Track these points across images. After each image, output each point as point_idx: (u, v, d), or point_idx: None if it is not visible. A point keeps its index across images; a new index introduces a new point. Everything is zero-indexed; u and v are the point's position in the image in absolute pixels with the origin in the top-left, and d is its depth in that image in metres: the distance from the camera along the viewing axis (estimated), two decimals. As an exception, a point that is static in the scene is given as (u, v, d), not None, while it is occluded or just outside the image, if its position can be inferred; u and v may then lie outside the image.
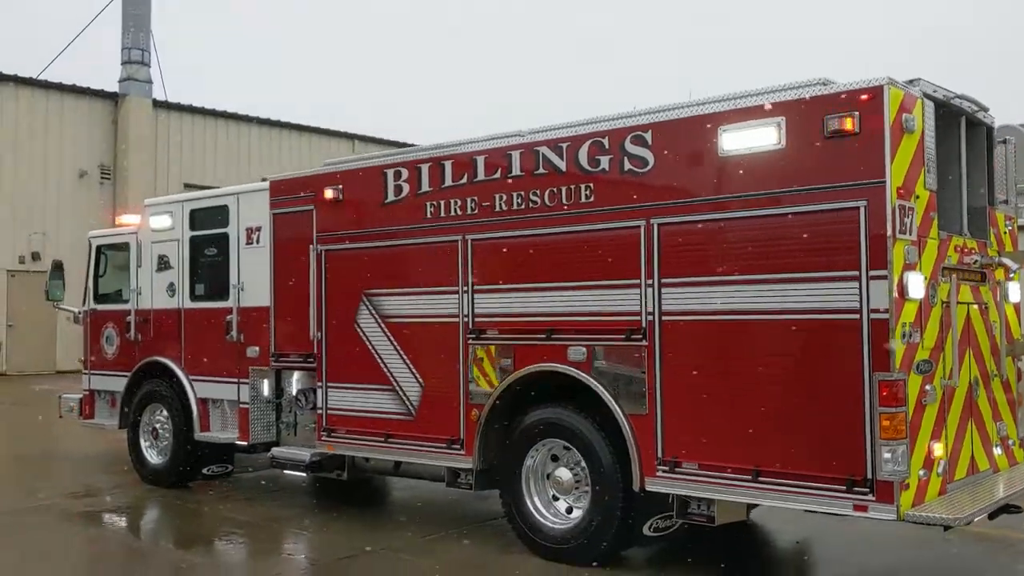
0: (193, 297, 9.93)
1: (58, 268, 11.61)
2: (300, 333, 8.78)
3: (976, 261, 6.46)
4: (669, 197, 6.39)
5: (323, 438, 8.52)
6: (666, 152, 6.42)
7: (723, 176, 6.14)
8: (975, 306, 6.50)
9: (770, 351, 5.90)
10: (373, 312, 8.16)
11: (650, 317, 6.44)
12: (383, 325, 8.09)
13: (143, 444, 10.32)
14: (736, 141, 6.06)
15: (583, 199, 6.84)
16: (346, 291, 8.38)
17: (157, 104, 26.55)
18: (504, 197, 7.30)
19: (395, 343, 8.00)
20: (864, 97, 5.58)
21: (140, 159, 25.88)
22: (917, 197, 5.74)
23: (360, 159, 8.66)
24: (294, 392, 9.17)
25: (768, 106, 5.94)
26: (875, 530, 7.10)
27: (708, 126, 6.20)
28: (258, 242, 9.24)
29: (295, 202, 8.87)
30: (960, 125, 6.51)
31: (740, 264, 6.04)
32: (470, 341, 7.47)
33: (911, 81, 5.84)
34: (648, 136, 6.50)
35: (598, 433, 6.76)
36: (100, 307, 11.07)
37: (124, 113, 25.88)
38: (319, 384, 8.58)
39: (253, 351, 9.24)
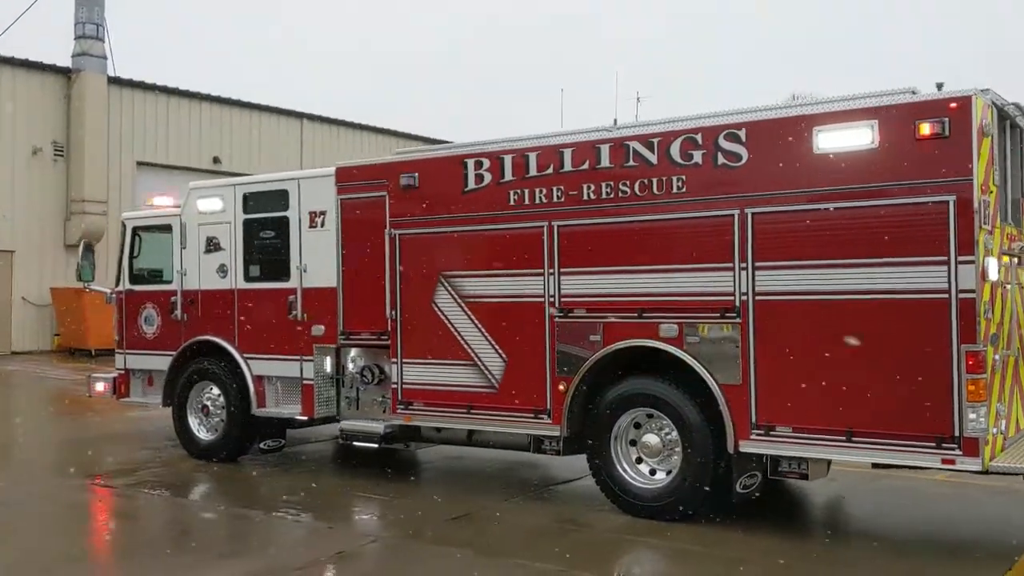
0: (248, 278, 10.24)
1: (88, 249, 11.71)
2: (371, 312, 9.25)
3: (1021, 247, 7.39)
4: (763, 189, 7.11)
5: (399, 411, 9.03)
6: (760, 148, 7.13)
7: (817, 171, 6.90)
8: (1018, 286, 7.44)
9: (862, 327, 6.70)
10: (452, 292, 8.69)
11: (744, 297, 7.17)
12: (463, 304, 8.63)
13: (192, 422, 10.60)
14: (831, 140, 6.82)
15: (675, 190, 7.52)
16: (422, 273, 8.88)
17: (111, 80, 26.03)
18: (592, 187, 7.92)
19: (476, 321, 8.55)
20: (953, 105, 6.40)
21: (94, 136, 25.37)
22: (991, 192, 6.61)
23: (434, 149, 9.19)
24: (358, 368, 9.60)
25: (863, 110, 6.72)
26: (890, 487, 8.02)
27: (803, 126, 6.94)
28: (322, 225, 9.63)
29: (365, 188, 9.30)
30: (1007, 128, 7.42)
31: (833, 250, 6.80)
32: (557, 320, 8.08)
33: (984, 91, 6.69)
34: (742, 134, 7.20)
35: (689, 401, 7.48)
36: (137, 288, 11.24)
37: (78, 89, 25.29)
38: (393, 360, 9.08)
39: (318, 329, 9.64)
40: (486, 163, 8.52)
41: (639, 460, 7.89)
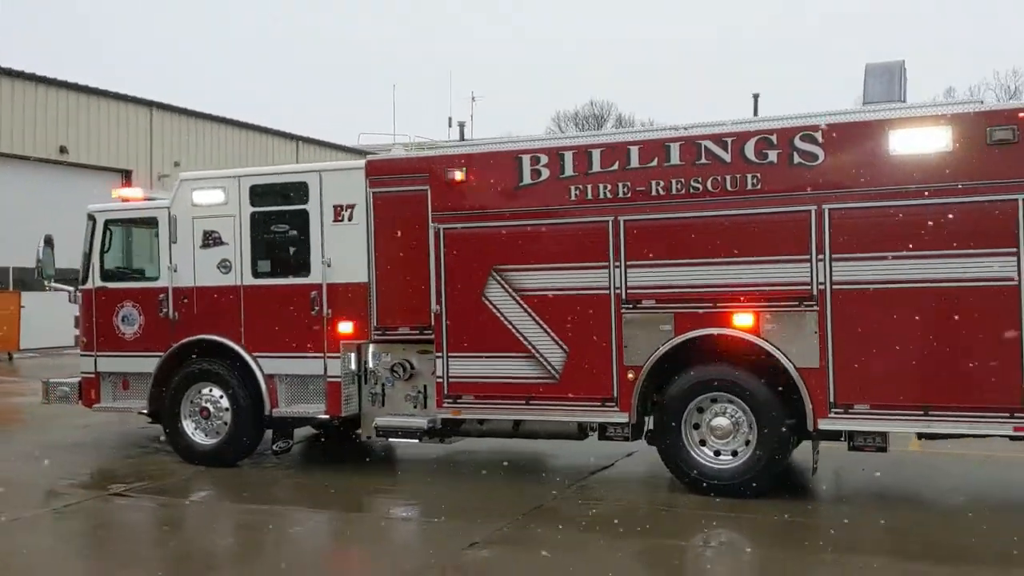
0: (257, 274, 9.82)
1: (49, 244, 10.75)
2: (410, 307, 9.17)
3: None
4: (839, 186, 7.73)
5: (445, 405, 9.01)
6: (836, 149, 7.75)
7: (892, 171, 7.59)
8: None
9: (935, 312, 7.46)
10: (505, 286, 8.78)
11: (821, 286, 7.77)
12: (518, 298, 8.74)
13: (186, 426, 10.03)
14: (907, 144, 7.53)
15: (749, 186, 8.01)
16: (471, 267, 8.91)
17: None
18: (661, 183, 8.27)
19: (533, 314, 8.69)
20: (1022, 115, 7.27)
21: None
22: (1048, 191, 7.51)
23: (482, 144, 9.23)
24: (387, 364, 9.46)
25: (937, 117, 7.48)
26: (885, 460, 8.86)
27: (879, 130, 7.63)
28: (350, 219, 9.42)
29: (403, 182, 9.20)
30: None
31: (907, 242, 7.51)
32: (624, 311, 8.38)
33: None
34: (819, 135, 7.79)
35: (765, 385, 8.01)
36: (111, 285, 10.47)
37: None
38: (438, 355, 9.04)
39: (345, 326, 9.42)
40: (544, 159, 8.67)
41: (702, 442, 8.33)
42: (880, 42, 73.40)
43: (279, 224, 9.80)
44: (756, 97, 44.47)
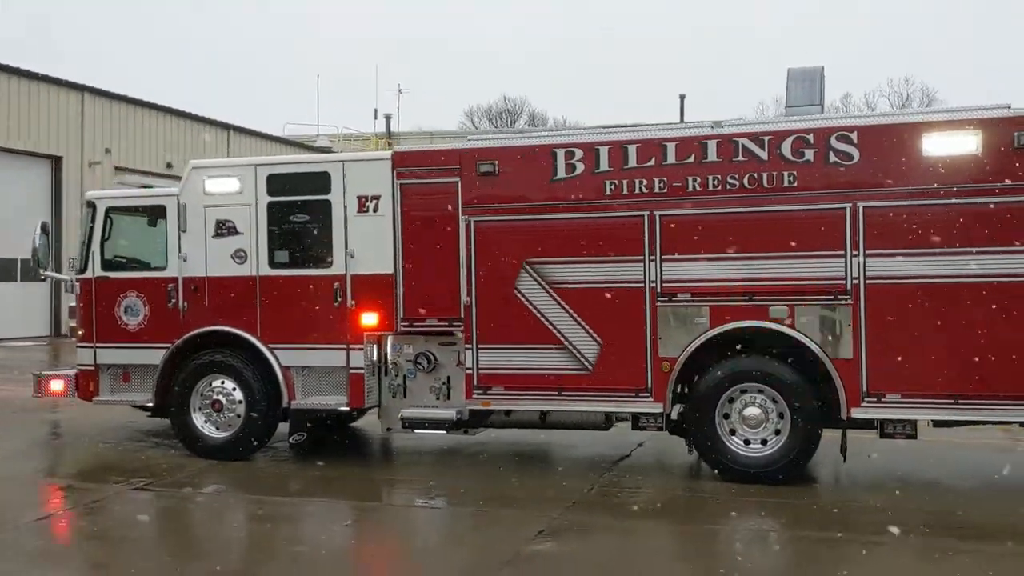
0: (274, 264, 9.66)
1: (45, 231, 10.34)
2: (437, 299, 9.17)
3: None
4: (873, 185, 8.08)
5: (475, 396, 9.06)
6: (872, 149, 8.09)
7: (924, 171, 7.97)
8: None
9: (969, 305, 7.87)
10: (538, 279, 8.88)
11: (855, 281, 8.11)
12: (551, 290, 8.85)
13: (195, 419, 9.80)
14: (938, 146, 7.92)
15: (785, 184, 8.30)
16: (503, 259, 8.98)
17: None
18: (698, 179, 8.49)
19: (566, 306, 8.82)
20: None
21: None
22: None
23: (513, 137, 9.31)
24: (410, 356, 9.43)
25: (967, 121, 7.90)
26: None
27: (912, 132, 8.00)
28: (375, 210, 9.35)
29: (432, 174, 9.20)
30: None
31: (938, 239, 7.92)
32: (659, 304, 8.58)
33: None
34: (854, 136, 8.12)
35: (799, 376, 8.31)
36: (113, 275, 10.13)
37: None
38: (467, 346, 9.07)
39: (370, 317, 9.36)
40: (579, 153, 8.79)
41: (732, 431, 8.59)
42: (788, 50, 76.09)
43: (299, 214, 9.66)
44: (683, 98, 45.81)
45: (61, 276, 10.55)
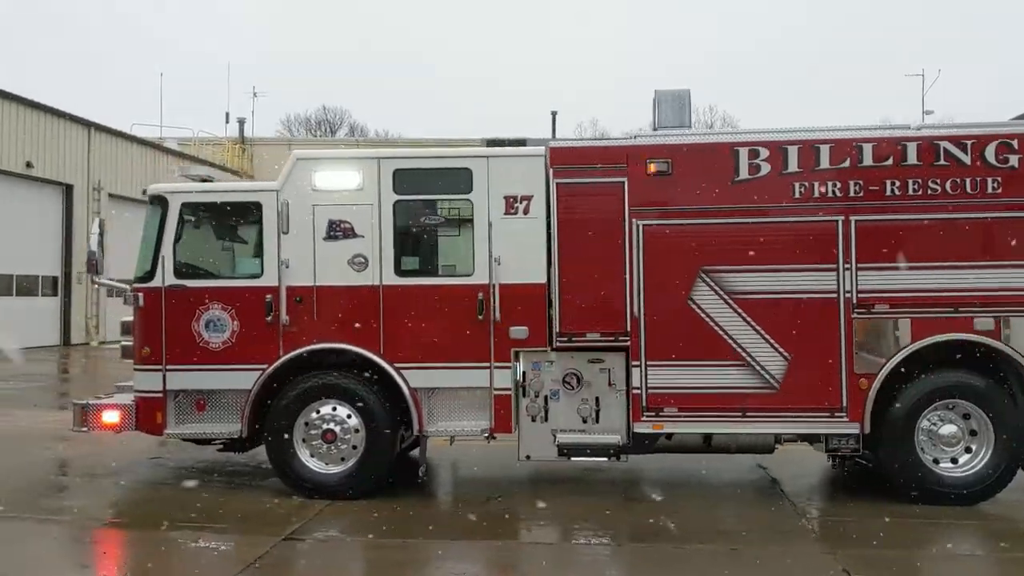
0: (402, 272, 8.42)
1: (103, 231, 8.59)
2: (602, 311, 8.26)
3: None
4: (1084, 193, 7.85)
5: (644, 418, 8.18)
6: (1082, 155, 7.87)
7: None
8: None
9: None
10: (716, 288, 8.13)
11: (1070, 291, 7.82)
12: (731, 301, 8.12)
13: (300, 452, 8.38)
14: None
15: (990, 190, 7.93)
16: (676, 267, 8.18)
17: None
18: (897, 183, 8.01)
19: (748, 319, 8.11)
20: None
21: None
22: None
23: (690, 135, 8.45)
24: (557, 376, 8.44)
25: None
26: None
27: (1124, 138, 7.83)
28: (525, 212, 8.32)
29: (595, 172, 8.28)
30: None
31: None
32: (855, 316, 8.01)
33: None
34: (1061, 142, 7.88)
35: (1005, 392, 7.95)
36: (191, 283, 8.55)
37: None
38: (635, 363, 8.19)
39: (519, 331, 8.29)
40: (764, 152, 8.13)
41: (922, 449, 8.12)
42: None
43: (432, 216, 8.49)
44: (554, 115, 45.99)
45: (118, 284, 8.80)
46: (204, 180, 9.05)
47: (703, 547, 6.97)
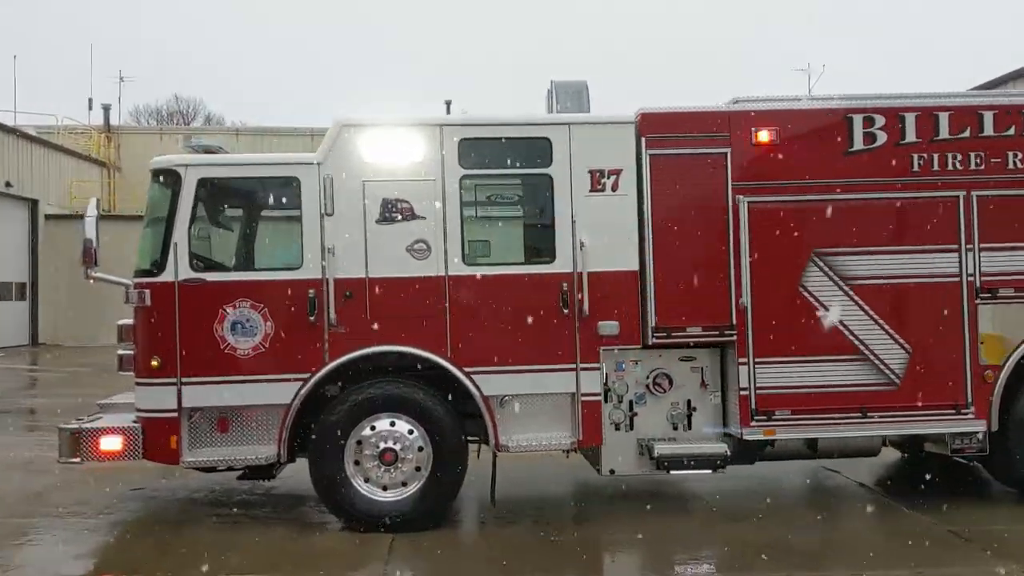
0: (471, 260, 7.17)
1: (98, 212, 6.97)
2: (704, 301, 7.24)
3: None
4: None
5: (754, 423, 7.20)
6: None
7: None
8: None
9: None
10: (829, 273, 7.26)
11: None
12: (846, 287, 7.27)
13: (353, 477, 7.02)
14: None
15: (1121, 160, 7.33)
16: (785, 250, 7.26)
17: None
18: (1019, 154, 7.31)
19: (865, 307, 7.27)
20: None
21: None
22: None
23: (799, 100, 7.51)
24: (641, 377, 7.39)
25: None
26: None
27: None
28: (614, 189, 7.20)
29: (694, 143, 7.25)
30: None
31: None
32: (979, 301, 7.27)
33: None
34: None
35: None
36: (211, 277, 7.05)
37: None
38: (742, 360, 7.21)
39: (609, 327, 7.17)
40: (880, 120, 7.30)
41: (1048, 452, 7.45)
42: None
43: (506, 193, 7.29)
44: (448, 103, 44.56)
45: (117, 280, 7.17)
46: (209, 152, 7.53)
47: (876, 574, 6.03)
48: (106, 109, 43.64)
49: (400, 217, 7.08)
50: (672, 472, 7.28)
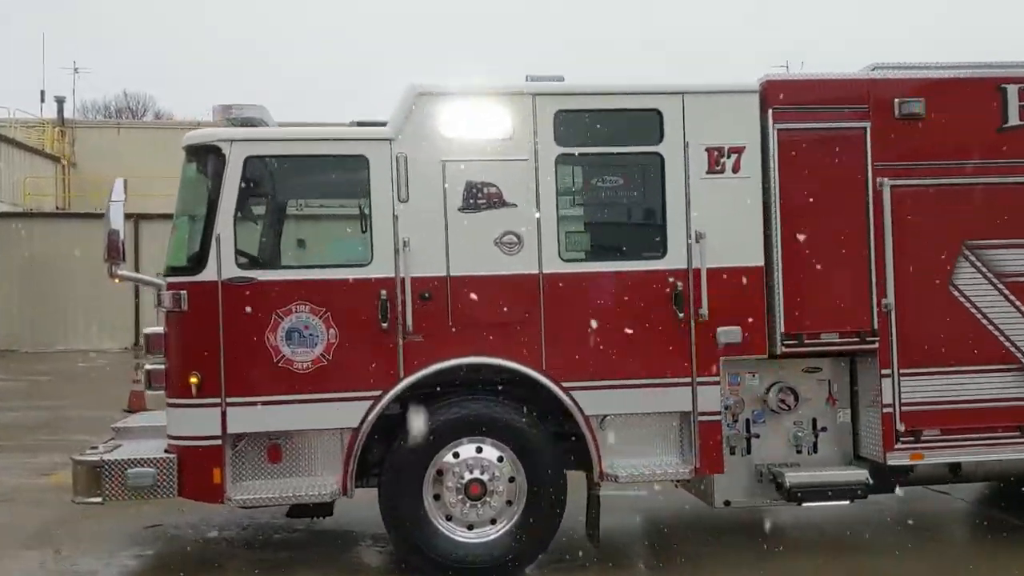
0: (569, 255, 6.06)
1: (125, 198, 5.77)
2: (841, 303, 6.20)
3: None
4: None
5: (900, 446, 6.16)
6: None
7: None
8: None
9: None
10: (983, 269, 6.25)
11: None
12: (1002, 285, 6.26)
13: (432, 513, 5.88)
14: None
15: None
16: (933, 242, 6.25)
17: None
18: None
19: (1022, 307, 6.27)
20: None
21: None
22: None
23: (947, 67, 6.46)
24: (761, 393, 6.34)
25: None
26: None
27: None
28: (735, 170, 6.13)
29: (827, 116, 6.20)
30: None
31: None
32: None
33: None
34: None
35: None
36: (263, 275, 5.86)
37: None
38: (885, 372, 6.17)
39: (730, 334, 6.07)
40: (1040, 92, 6.30)
41: None
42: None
43: (608, 175, 6.18)
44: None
45: (147, 279, 5.98)
46: (247, 125, 6.29)
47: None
48: (59, 101, 41.05)
49: (486, 204, 5.94)
50: (804, 504, 6.23)
